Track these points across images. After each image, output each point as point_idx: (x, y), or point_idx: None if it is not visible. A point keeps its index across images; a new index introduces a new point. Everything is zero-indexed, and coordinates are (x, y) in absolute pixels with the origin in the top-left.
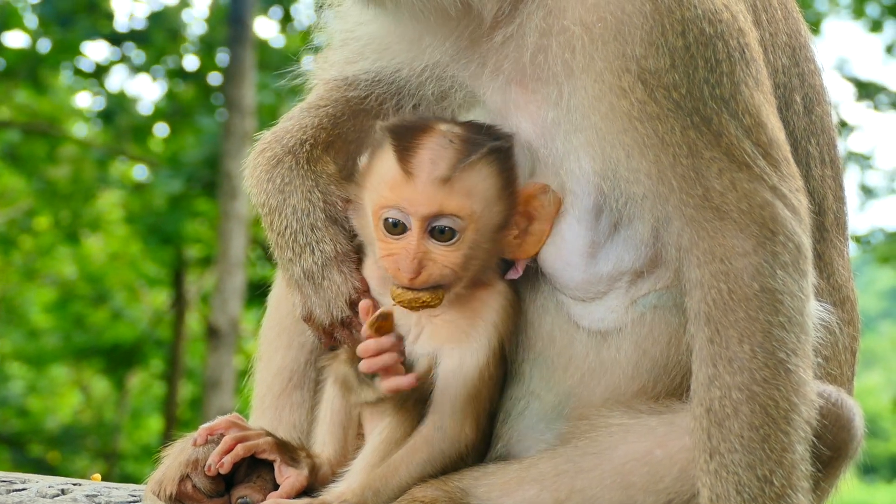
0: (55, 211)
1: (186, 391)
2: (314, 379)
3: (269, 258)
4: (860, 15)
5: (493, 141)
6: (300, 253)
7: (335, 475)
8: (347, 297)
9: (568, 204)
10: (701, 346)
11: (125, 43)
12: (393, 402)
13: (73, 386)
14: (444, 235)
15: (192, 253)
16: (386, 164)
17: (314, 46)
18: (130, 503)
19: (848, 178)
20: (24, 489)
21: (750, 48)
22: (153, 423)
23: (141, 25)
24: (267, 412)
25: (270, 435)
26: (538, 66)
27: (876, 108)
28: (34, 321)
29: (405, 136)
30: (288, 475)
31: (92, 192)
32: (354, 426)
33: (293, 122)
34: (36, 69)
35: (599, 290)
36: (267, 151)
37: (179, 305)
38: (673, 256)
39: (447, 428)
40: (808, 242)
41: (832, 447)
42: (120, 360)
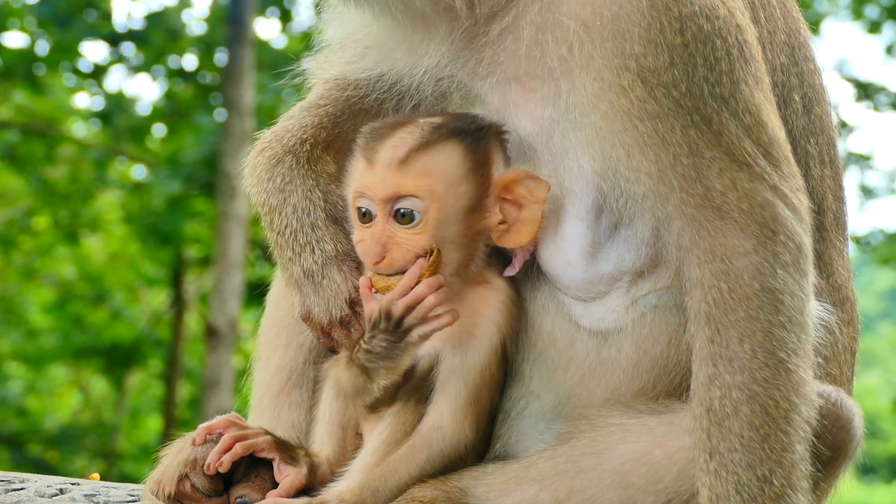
0: (54, 211)
1: (185, 391)
2: (313, 378)
3: (267, 258)
4: (859, 16)
5: (457, 123)
6: (300, 252)
7: (334, 475)
8: (347, 296)
9: (568, 203)
10: (701, 345)
11: (123, 43)
12: (392, 402)
13: (71, 386)
14: (405, 218)
15: (190, 253)
16: (357, 157)
17: (314, 46)
18: (129, 503)
19: (848, 178)
20: (22, 489)
21: (748, 45)
22: (152, 422)
23: (139, 25)
24: (266, 411)
25: (269, 434)
26: (534, 61)
27: (875, 108)
28: (33, 321)
29: (378, 129)
30: (287, 473)
31: (91, 192)
32: (353, 426)
33: (293, 121)
34: (33, 69)
35: (600, 289)
36: (267, 150)
37: (178, 305)
38: (673, 256)
39: (447, 428)
40: (808, 242)
41: (832, 447)
42: (119, 359)
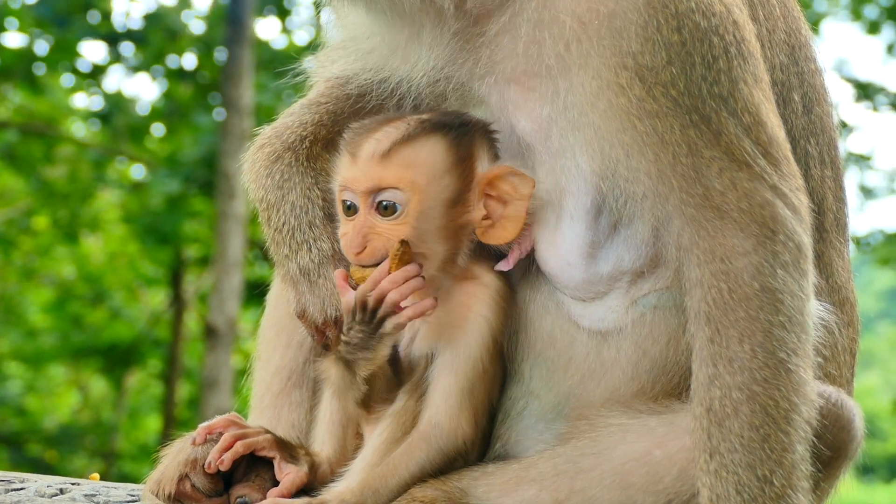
0: (53, 211)
1: (184, 391)
2: (313, 378)
3: (266, 258)
4: (858, 17)
5: (441, 118)
6: (297, 250)
7: (334, 474)
8: None
9: (567, 203)
10: (701, 345)
11: (122, 43)
12: (392, 402)
13: (70, 385)
14: (387, 210)
15: (189, 253)
16: (342, 152)
17: (314, 45)
18: (129, 503)
19: (847, 179)
20: (22, 488)
21: (747, 43)
22: (151, 422)
23: (138, 25)
24: (266, 411)
25: (269, 433)
26: (532, 59)
27: (875, 108)
28: (32, 321)
29: (364, 125)
30: (288, 472)
31: (90, 191)
32: (354, 425)
33: (293, 118)
34: (31, 69)
35: (600, 289)
36: (266, 147)
37: (177, 305)
38: (673, 256)
39: (444, 424)
40: (808, 242)
41: (832, 447)
42: (118, 359)
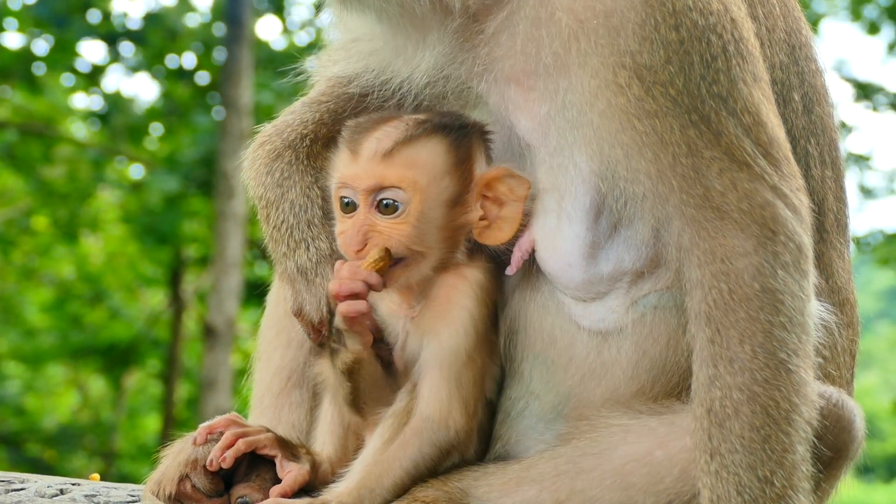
0: (52, 211)
1: (183, 391)
2: (313, 378)
3: (265, 257)
4: (858, 17)
5: (441, 119)
6: (295, 248)
7: (335, 474)
8: None
9: (566, 204)
10: (702, 346)
11: (121, 43)
12: (391, 403)
13: (70, 385)
14: (388, 209)
15: (188, 253)
16: (341, 149)
17: (315, 44)
18: (129, 503)
19: (847, 179)
20: (22, 489)
21: (745, 41)
22: (150, 422)
23: (136, 25)
24: (266, 411)
25: (270, 431)
26: (530, 57)
27: (874, 108)
28: (31, 321)
29: (363, 123)
30: (290, 469)
31: (89, 191)
32: (355, 425)
33: (294, 116)
34: (31, 69)
35: (600, 290)
36: (267, 144)
37: (176, 305)
38: (673, 256)
39: (434, 417)
40: (809, 242)
41: (833, 448)
42: (117, 359)
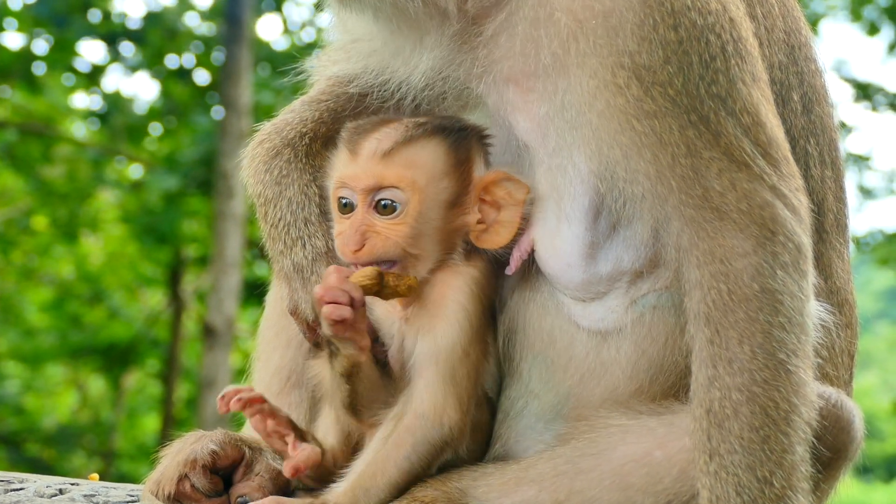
0: (52, 211)
1: (183, 390)
2: (312, 378)
3: (264, 256)
4: (857, 17)
5: (440, 121)
6: (291, 246)
7: (337, 467)
8: None
9: (565, 204)
10: (701, 346)
11: (121, 43)
12: (391, 405)
13: (69, 385)
14: (386, 209)
15: (188, 253)
16: (340, 150)
17: (314, 46)
18: (128, 503)
19: (847, 179)
20: (21, 489)
21: (744, 41)
22: (149, 422)
23: (136, 25)
24: None
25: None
26: (529, 57)
27: (874, 108)
28: (31, 320)
29: (363, 125)
30: (303, 448)
31: (88, 191)
32: (353, 429)
33: (294, 114)
34: (30, 69)
35: (599, 290)
36: (266, 142)
37: (176, 305)
38: (672, 257)
39: (428, 413)
40: (808, 242)
41: (832, 449)
42: (116, 359)
